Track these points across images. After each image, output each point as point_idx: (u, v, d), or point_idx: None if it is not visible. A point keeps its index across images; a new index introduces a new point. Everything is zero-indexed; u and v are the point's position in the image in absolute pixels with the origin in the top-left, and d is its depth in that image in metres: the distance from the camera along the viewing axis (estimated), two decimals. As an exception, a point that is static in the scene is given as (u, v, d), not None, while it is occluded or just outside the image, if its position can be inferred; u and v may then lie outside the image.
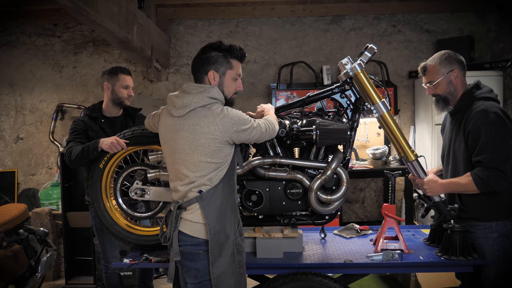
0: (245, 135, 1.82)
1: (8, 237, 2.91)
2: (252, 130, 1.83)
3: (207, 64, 1.84)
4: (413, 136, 4.56)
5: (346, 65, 2.14)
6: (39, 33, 4.69)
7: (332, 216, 2.26)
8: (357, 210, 4.78)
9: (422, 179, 2.17)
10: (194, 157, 1.77)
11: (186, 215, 1.79)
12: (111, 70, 2.77)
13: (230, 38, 4.68)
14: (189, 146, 1.78)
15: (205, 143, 1.76)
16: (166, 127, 1.87)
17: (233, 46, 1.87)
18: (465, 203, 2.15)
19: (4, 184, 4.57)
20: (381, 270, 2.87)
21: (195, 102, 1.78)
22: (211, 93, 1.80)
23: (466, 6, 4.52)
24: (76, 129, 2.65)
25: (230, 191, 1.85)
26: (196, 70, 1.88)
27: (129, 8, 3.28)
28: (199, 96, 1.79)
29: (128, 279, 3.59)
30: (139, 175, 2.28)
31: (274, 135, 1.99)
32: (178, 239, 1.78)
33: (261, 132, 1.87)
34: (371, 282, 3.75)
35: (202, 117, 1.77)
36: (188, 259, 1.78)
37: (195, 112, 1.78)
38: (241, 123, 1.79)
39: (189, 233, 1.77)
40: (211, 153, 1.77)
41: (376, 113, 2.12)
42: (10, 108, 4.72)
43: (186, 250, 1.78)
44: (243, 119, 1.81)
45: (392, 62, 4.63)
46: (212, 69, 1.84)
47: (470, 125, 2.08)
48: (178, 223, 1.79)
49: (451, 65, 2.20)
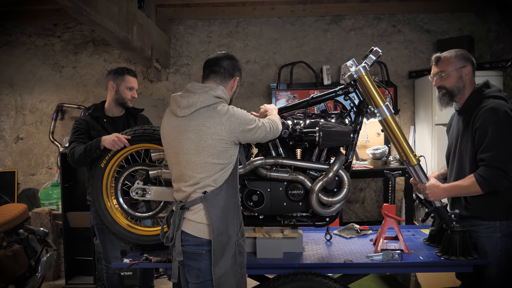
0: (251, 134, 1.83)
1: (8, 237, 2.91)
2: (257, 129, 1.84)
3: (236, 70, 1.92)
4: (413, 136, 4.56)
5: (351, 68, 2.14)
6: (39, 33, 4.69)
7: (332, 218, 2.25)
8: (357, 210, 4.78)
9: (424, 184, 2.17)
10: (200, 158, 1.77)
11: (189, 215, 1.79)
12: (117, 70, 2.76)
13: (230, 38, 4.68)
14: (195, 147, 1.77)
15: (211, 144, 1.75)
16: (170, 128, 1.86)
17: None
18: (469, 202, 2.15)
19: (4, 184, 4.57)
20: (381, 270, 2.87)
21: (201, 102, 1.78)
22: (217, 92, 1.81)
23: (466, 6, 4.52)
24: (78, 128, 2.65)
25: (234, 192, 1.86)
26: (220, 67, 1.90)
27: (129, 8, 3.28)
28: (205, 95, 1.79)
29: (129, 279, 3.59)
30: (140, 174, 2.28)
31: (278, 134, 2.00)
32: (181, 239, 1.78)
33: (265, 132, 1.89)
34: (371, 282, 3.75)
35: (208, 118, 1.76)
36: (190, 258, 1.78)
37: (200, 112, 1.78)
38: (247, 122, 1.80)
39: (192, 233, 1.77)
40: (217, 154, 1.77)
41: (379, 116, 2.13)
42: (10, 108, 4.71)
43: (189, 250, 1.78)
44: (249, 119, 1.82)
45: (392, 62, 4.64)
46: (237, 76, 1.93)
47: (478, 122, 2.08)
48: (181, 223, 1.79)
49: (465, 61, 2.20)
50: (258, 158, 2.20)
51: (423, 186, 2.16)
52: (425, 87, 4.25)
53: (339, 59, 4.66)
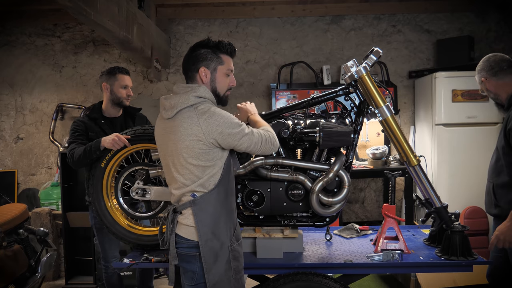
0: (233, 140, 1.72)
1: (8, 237, 2.90)
2: (242, 137, 1.73)
3: (197, 61, 1.80)
4: (413, 136, 4.56)
5: (351, 68, 2.14)
6: (39, 33, 4.69)
7: (332, 218, 2.25)
8: (357, 210, 4.78)
9: (498, 234, 2.11)
10: (181, 160, 1.72)
11: (181, 219, 1.78)
12: (109, 70, 2.76)
13: (230, 38, 4.68)
14: (175, 148, 1.73)
15: (189, 145, 1.70)
16: (159, 130, 1.85)
17: (221, 41, 1.84)
18: (498, 199, 2.18)
19: (4, 184, 4.57)
20: (381, 270, 2.87)
21: (182, 103, 1.73)
22: (197, 92, 1.75)
23: (466, 6, 4.52)
24: (76, 129, 2.65)
25: (226, 197, 1.80)
26: (187, 69, 1.84)
27: (129, 8, 3.28)
28: (185, 96, 1.74)
29: (128, 279, 3.59)
30: (140, 174, 2.28)
31: (271, 151, 1.85)
32: (175, 241, 1.77)
33: (252, 142, 1.76)
34: (371, 282, 3.75)
35: (187, 118, 1.71)
36: (185, 261, 1.77)
37: (181, 113, 1.73)
38: (227, 126, 1.70)
39: (184, 236, 1.76)
40: (196, 156, 1.70)
41: (380, 116, 2.13)
42: (10, 108, 4.71)
43: (183, 252, 1.77)
44: (231, 123, 1.71)
45: (392, 62, 4.64)
46: (202, 66, 1.79)
47: (510, 124, 2.13)
48: (174, 227, 1.78)
49: (480, 74, 2.32)
50: (258, 158, 2.20)
51: (499, 237, 2.10)
52: (425, 87, 4.25)
53: (339, 59, 4.66)
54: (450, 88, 3.94)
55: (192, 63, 1.81)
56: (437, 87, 3.99)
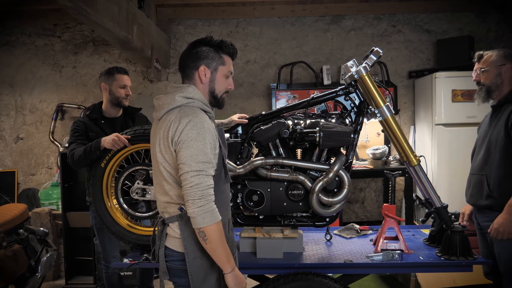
0: (180, 156, 1.54)
1: (8, 237, 2.91)
2: (189, 171, 1.52)
3: (197, 59, 1.67)
4: (413, 136, 4.56)
5: (351, 68, 2.14)
6: (39, 33, 4.69)
7: (332, 218, 2.26)
8: (357, 210, 4.78)
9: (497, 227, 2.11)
10: (157, 164, 1.64)
11: (170, 231, 1.67)
12: (107, 70, 2.77)
13: (230, 38, 4.68)
14: (154, 151, 1.65)
15: (162, 149, 1.60)
16: (152, 131, 1.75)
17: (224, 41, 1.72)
18: (492, 190, 2.17)
19: (4, 184, 4.57)
20: (381, 270, 2.87)
21: (168, 103, 1.62)
22: (184, 92, 1.63)
23: (466, 6, 4.52)
24: (76, 130, 2.66)
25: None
26: (186, 66, 1.70)
27: (129, 8, 3.28)
28: (171, 97, 1.63)
29: (128, 279, 3.59)
30: (140, 174, 2.28)
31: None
32: (165, 254, 1.67)
33: (188, 185, 1.52)
34: (371, 282, 3.75)
35: (167, 121, 1.59)
36: (176, 275, 1.67)
37: (168, 114, 1.62)
38: (192, 146, 1.52)
39: (175, 249, 1.65)
40: (169, 162, 1.60)
41: (380, 116, 2.13)
42: (10, 108, 4.71)
43: (173, 266, 1.66)
44: (199, 149, 1.53)
45: (392, 62, 4.64)
46: (203, 64, 1.67)
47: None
48: (163, 240, 1.68)
49: (506, 59, 2.25)
50: (258, 158, 2.20)
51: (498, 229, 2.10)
52: (425, 87, 4.25)
53: (339, 59, 4.66)
54: (450, 88, 3.94)
55: (192, 60, 1.69)
56: (437, 87, 3.99)
